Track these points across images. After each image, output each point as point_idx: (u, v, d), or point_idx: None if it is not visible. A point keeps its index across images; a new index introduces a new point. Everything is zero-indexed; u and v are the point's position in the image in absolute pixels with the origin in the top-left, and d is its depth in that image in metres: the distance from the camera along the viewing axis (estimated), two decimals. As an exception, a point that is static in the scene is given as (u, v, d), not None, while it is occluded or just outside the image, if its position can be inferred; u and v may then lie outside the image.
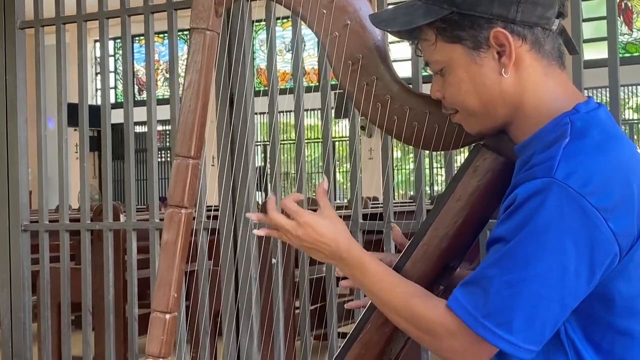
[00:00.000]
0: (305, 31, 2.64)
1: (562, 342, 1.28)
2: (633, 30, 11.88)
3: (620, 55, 2.46)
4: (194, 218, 1.62)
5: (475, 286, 1.25)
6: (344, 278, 1.49)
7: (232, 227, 2.86)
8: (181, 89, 2.86)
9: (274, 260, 2.81)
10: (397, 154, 14.00)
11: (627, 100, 12.33)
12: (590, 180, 1.19)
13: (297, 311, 3.75)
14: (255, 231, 1.48)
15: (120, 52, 14.28)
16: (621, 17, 13.11)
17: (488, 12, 1.29)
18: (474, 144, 1.48)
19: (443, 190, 1.54)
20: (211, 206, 3.01)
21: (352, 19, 1.49)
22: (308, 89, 2.82)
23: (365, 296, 1.49)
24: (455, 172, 1.47)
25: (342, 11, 1.49)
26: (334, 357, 1.52)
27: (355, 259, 1.40)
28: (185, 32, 13.80)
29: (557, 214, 1.18)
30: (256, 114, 2.95)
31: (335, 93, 2.66)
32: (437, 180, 13.70)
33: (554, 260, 1.19)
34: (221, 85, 2.85)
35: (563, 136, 1.24)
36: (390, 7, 1.42)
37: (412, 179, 14.53)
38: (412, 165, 14.47)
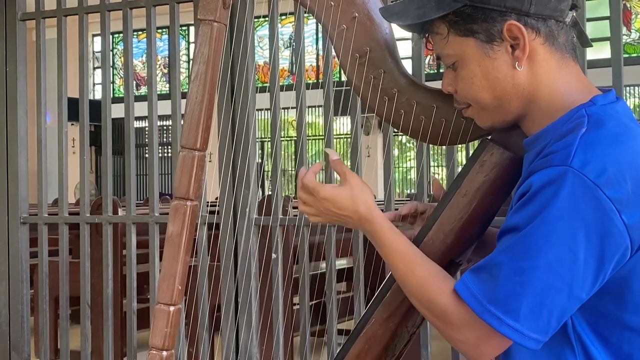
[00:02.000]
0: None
1: (569, 336, 1.27)
2: (631, 31, 11.89)
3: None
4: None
5: (484, 272, 1.23)
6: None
7: (234, 222, 2.85)
8: (179, 83, 2.85)
9: (274, 255, 2.80)
10: (394, 152, 14.01)
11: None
12: (606, 171, 1.18)
13: (294, 307, 3.76)
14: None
15: (118, 46, 14.27)
16: (619, 17, 13.10)
17: (501, 5, 1.28)
18: (481, 139, 1.47)
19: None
20: (208, 202, 3.01)
21: (361, 11, 1.48)
22: (306, 86, 2.81)
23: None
24: (456, 168, 1.46)
25: (350, 3, 1.48)
26: (338, 351, 1.51)
27: (376, 233, 1.39)
28: (183, 28, 13.78)
29: (571, 203, 1.17)
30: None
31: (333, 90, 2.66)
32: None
33: (565, 249, 1.18)
34: (227, 80, 2.85)
35: (580, 126, 1.23)
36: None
37: (409, 177, 14.53)
38: (409, 164, 14.49)
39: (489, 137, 1.45)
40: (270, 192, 2.80)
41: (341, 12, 1.48)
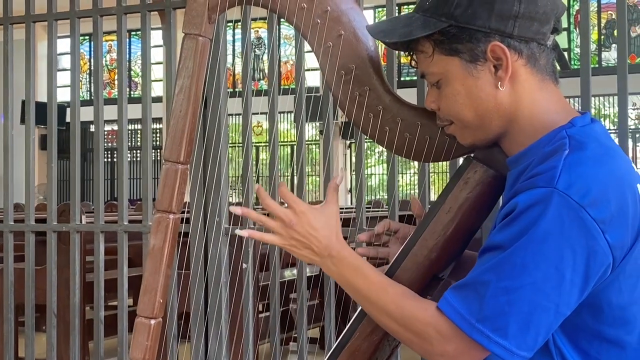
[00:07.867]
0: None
1: (550, 350, 1.30)
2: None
3: (576, 66, 2.51)
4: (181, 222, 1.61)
5: (470, 290, 1.26)
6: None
7: (204, 231, 2.84)
8: (149, 88, 2.85)
9: (244, 266, 2.80)
10: (353, 158, 14.05)
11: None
12: (590, 192, 1.21)
13: (259, 315, 3.76)
14: (238, 231, 1.43)
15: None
16: (576, 29, 13.33)
17: (486, 26, 1.32)
18: (464, 157, 1.50)
19: (401, 197, 1.56)
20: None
21: (347, 29, 1.50)
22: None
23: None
24: (426, 180, 1.48)
25: (336, 21, 1.50)
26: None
27: (347, 258, 1.39)
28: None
29: (557, 224, 1.20)
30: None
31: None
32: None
33: (552, 269, 1.21)
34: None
35: (562, 148, 1.27)
36: (388, 18, 1.44)
37: (369, 183, 14.59)
38: (369, 170, 14.53)
39: (473, 155, 1.48)
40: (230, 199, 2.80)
41: (327, 29, 1.50)
